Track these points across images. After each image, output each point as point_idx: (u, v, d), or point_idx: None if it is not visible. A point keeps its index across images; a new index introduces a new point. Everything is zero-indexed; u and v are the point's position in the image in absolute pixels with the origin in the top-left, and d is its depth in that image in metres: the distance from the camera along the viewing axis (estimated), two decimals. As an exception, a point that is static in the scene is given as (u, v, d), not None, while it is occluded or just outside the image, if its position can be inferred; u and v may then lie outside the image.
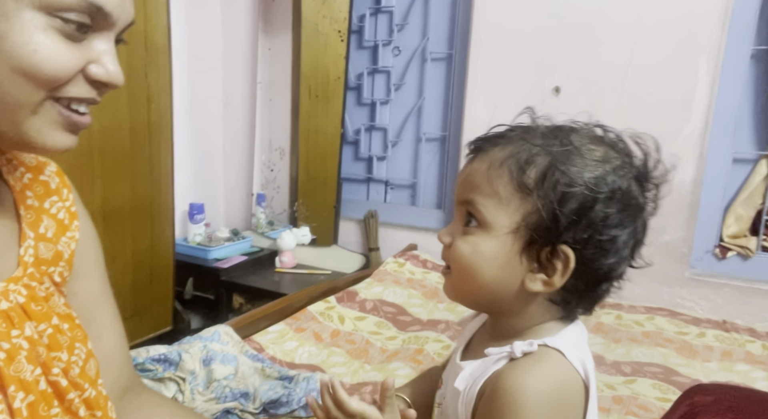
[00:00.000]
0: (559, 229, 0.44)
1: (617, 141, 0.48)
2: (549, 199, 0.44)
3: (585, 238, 0.44)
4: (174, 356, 0.91)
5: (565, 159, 0.45)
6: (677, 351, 1.24)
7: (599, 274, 0.46)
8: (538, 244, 0.46)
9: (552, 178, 0.44)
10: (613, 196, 0.45)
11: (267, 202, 2.26)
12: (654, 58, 1.60)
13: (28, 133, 0.42)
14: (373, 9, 2.03)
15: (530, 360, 0.46)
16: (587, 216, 0.44)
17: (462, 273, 0.49)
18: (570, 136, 0.47)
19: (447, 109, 1.97)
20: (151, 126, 1.69)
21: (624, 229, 0.45)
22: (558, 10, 1.69)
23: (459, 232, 0.50)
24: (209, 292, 1.97)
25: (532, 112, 0.51)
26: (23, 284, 0.48)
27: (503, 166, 0.46)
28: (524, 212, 0.46)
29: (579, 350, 0.47)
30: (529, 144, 0.46)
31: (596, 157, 0.46)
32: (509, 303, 0.49)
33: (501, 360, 0.47)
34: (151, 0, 1.62)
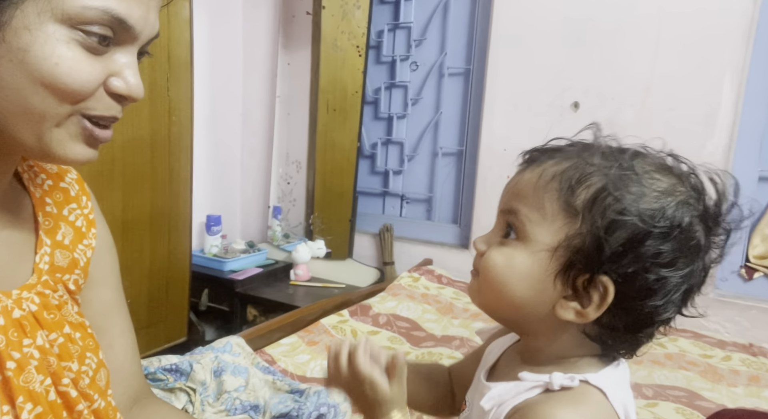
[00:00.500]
0: (601, 258, 0.41)
1: (689, 174, 0.44)
2: (596, 224, 0.41)
3: (629, 273, 0.40)
4: (185, 366, 0.91)
5: (622, 184, 0.41)
6: (701, 375, 1.19)
7: (641, 315, 0.42)
8: (576, 270, 0.42)
9: (602, 203, 0.41)
10: (670, 233, 0.40)
11: (283, 214, 2.27)
12: (676, 74, 1.57)
13: (50, 144, 0.42)
14: (392, 25, 2.05)
15: (569, 396, 0.42)
16: (636, 249, 0.40)
17: (490, 284, 0.46)
18: (633, 160, 0.43)
19: (464, 124, 1.97)
20: (171, 138, 1.72)
21: (676, 271, 0.41)
22: (577, 25, 1.68)
23: (496, 242, 0.47)
24: (224, 304, 1.98)
25: (597, 128, 0.47)
26: (36, 292, 0.48)
27: (554, 181, 0.43)
28: (567, 233, 0.42)
29: (621, 392, 0.44)
30: (585, 162, 0.43)
31: (658, 188, 0.41)
32: (537, 325, 0.45)
33: (536, 388, 0.44)
34: (175, 16, 1.66)
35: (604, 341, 0.44)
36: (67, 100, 0.41)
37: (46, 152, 0.43)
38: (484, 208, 1.89)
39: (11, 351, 0.43)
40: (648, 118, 1.61)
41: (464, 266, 1.94)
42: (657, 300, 0.41)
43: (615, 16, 1.63)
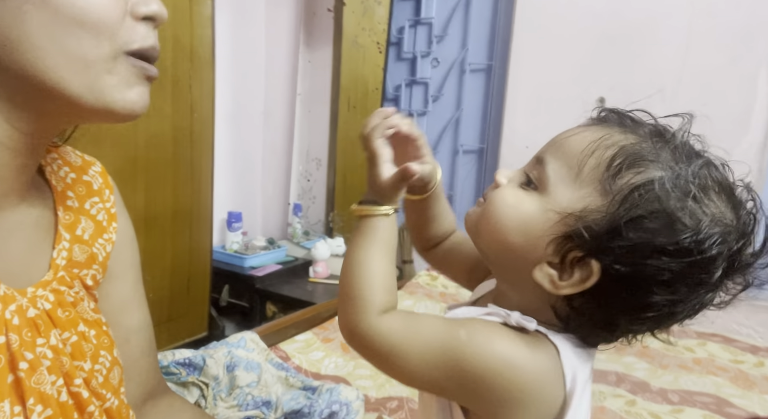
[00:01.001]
0: (605, 245, 0.38)
1: (748, 210, 0.40)
2: (620, 212, 0.38)
3: (622, 272, 0.38)
4: (198, 360, 0.91)
5: (672, 187, 0.37)
6: (732, 381, 1.14)
7: (611, 315, 0.40)
8: (574, 243, 0.40)
9: (642, 196, 0.37)
10: (687, 257, 0.37)
11: (303, 211, 2.28)
12: (708, 68, 1.51)
13: (105, 92, 0.42)
14: (413, 21, 2.03)
15: (520, 335, 0.41)
16: (643, 254, 0.37)
17: (490, 217, 0.44)
18: (703, 170, 0.39)
19: (485, 121, 1.94)
20: (193, 135, 1.74)
21: (668, 294, 0.38)
22: (603, 18, 1.63)
23: (515, 183, 0.45)
24: (244, 300, 1.99)
25: (688, 119, 0.43)
26: (51, 289, 0.47)
27: (609, 149, 0.40)
28: (588, 205, 0.39)
29: (578, 363, 0.42)
30: (652, 148, 0.39)
31: (706, 209, 0.38)
32: (513, 274, 0.44)
33: (495, 317, 0.42)
34: (197, 14, 1.68)
35: (568, 321, 0.42)
36: (102, 35, 0.41)
37: (102, 103, 0.42)
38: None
39: (24, 352, 0.42)
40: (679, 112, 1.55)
41: (484, 265, 1.90)
42: (633, 311, 0.39)
43: (643, 7, 1.58)
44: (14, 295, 0.44)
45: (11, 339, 0.42)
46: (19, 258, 0.47)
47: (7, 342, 0.42)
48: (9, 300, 0.43)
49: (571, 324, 0.42)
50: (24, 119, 0.42)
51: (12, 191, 0.46)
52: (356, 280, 0.44)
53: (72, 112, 0.43)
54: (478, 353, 0.40)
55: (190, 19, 1.67)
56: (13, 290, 0.44)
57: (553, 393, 0.40)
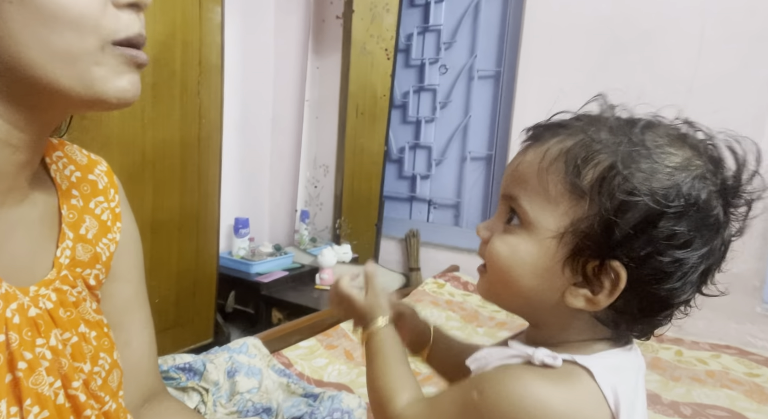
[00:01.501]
0: (611, 242, 0.38)
1: (706, 144, 0.41)
2: (604, 206, 0.38)
3: (642, 256, 0.37)
4: (199, 366, 0.90)
5: (631, 161, 0.38)
6: (746, 395, 1.10)
7: (657, 298, 0.39)
8: (585, 256, 0.39)
9: (611, 183, 0.38)
10: (686, 212, 0.37)
11: (310, 218, 2.27)
12: (720, 74, 1.49)
13: (95, 83, 0.42)
14: (421, 28, 2.03)
15: (545, 372, 0.40)
16: (648, 231, 0.37)
17: (497, 275, 0.43)
18: (644, 133, 0.39)
19: (493, 128, 1.92)
20: (201, 141, 1.74)
21: (693, 251, 0.37)
22: (613, 24, 1.62)
23: (500, 229, 0.44)
24: (250, 306, 1.99)
25: (603, 99, 0.44)
26: (54, 288, 0.47)
27: (558, 160, 0.40)
28: (574, 217, 0.39)
29: (617, 377, 0.40)
30: (591, 138, 0.40)
31: (671, 163, 0.38)
32: (547, 314, 0.43)
33: (518, 358, 0.42)
34: (207, 20, 1.69)
35: (618, 325, 0.41)
36: (85, 28, 0.40)
37: (92, 93, 0.42)
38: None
39: (24, 352, 0.42)
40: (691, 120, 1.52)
41: (492, 273, 1.88)
42: (673, 283, 0.38)
43: (654, 14, 1.56)
44: (16, 293, 0.43)
45: (11, 338, 0.41)
46: (22, 256, 0.46)
47: (7, 341, 0.41)
48: (10, 298, 0.42)
49: (622, 325, 0.42)
50: (19, 115, 0.42)
51: (15, 187, 0.46)
52: (379, 388, 0.50)
53: (65, 104, 0.43)
54: (494, 406, 0.39)
55: (199, 26, 1.68)
56: (15, 288, 0.43)
57: (596, 416, 0.39)
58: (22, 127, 0.43)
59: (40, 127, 0.45)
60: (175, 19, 1.62)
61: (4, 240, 0.45)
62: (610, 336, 0.42)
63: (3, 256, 0.44)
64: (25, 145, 0.44)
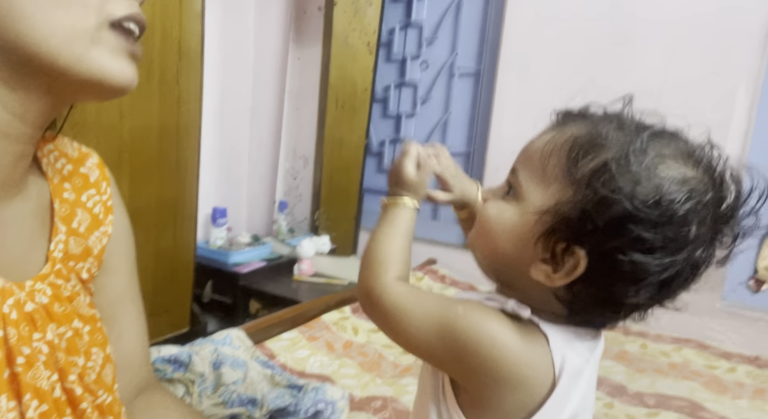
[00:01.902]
0: (582, 230, 0.41)
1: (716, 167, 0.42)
2: (587, 197, 0.41)
3: (604, 250, 0.40)
4: (184, 357, 0.91)
5: (625, 162, 0.40)
6: (705, 386, 1.18)
7: (610, 293, 0.42)
8: (556, 236, 0.43)
9: (600, 177, 0.40)
10: (658, 222, 0.39)
11: (289, 209, 2.27)
12: (689, 81, 1.55)
13: (93, 63, 0.42)
14: (403, 23, 2.04)
15: (515, 323, 0.44)
16: (617, 230, 0.39)
17: (480, 232, 0.49)
18: (651, 140, 0.41)
19: (473, 125, 1.96)
20: (179, 129, 1.72)
21: (654, 259, 0.39)
22: (589, 29, 1.67)
23: (498, 196, 0.49)
24: (227, 296, 1.98)
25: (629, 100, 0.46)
26: (49, 282, 0.47)
27: (563, 146, 0.43)
28: (559, 200, 0.42)
29: (570, 349, 0.44)
30: (599, 133, 0.42)
31: (665, 174, 0.40)
32: (513, 278, 0.47)
33: (492, 301, 0.46)
34: (187, 7, 1.66)
35: (571, 306, 0.45)
36: (90, 5, 0.41)
37: (90, 73, 0.42)
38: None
39: (21, 347, 0.42)
40: (660, 124, 1.59)
41: (468, 267, 1.92)
42: (627, 284, 0.41)
43: (628, 21, 1.61)
44: (12, 289, 0.43)
45: (9, 333, 0.42)
46: (16, 251, 0.46)
47: (5, 337, 0.41)
48: (7, 293, 0.43)
49: (576, 308, 0.45)
50: (18, 102, 0.42)
51: (10, 181, 0.46)
52: (377, 252, 0.51)
53: (64, 86, 0.43)
54: (471, 327, 0.43)
55: (179, 13, 1.65)
56: (12, 283, 0.44)
57: (539, 377, 0.43)
58: (21, 115, 0.43)
59: (38, 117, 0.45)
60: (155, 6, 1.58)
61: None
62: (566, 314, 0.46)
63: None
64: (22, 136, 0.44)
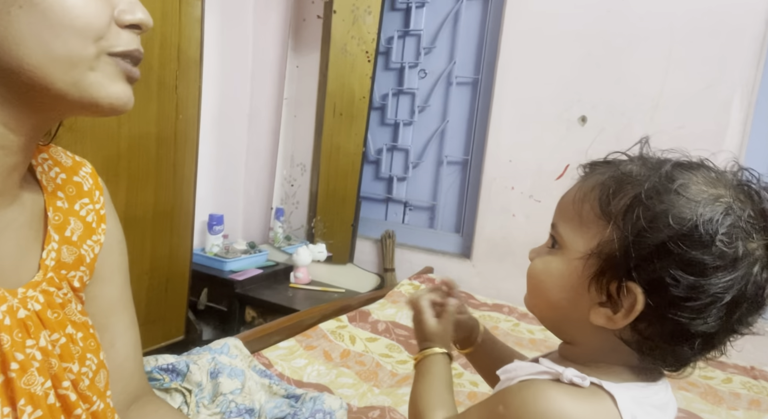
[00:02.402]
0: (629, 264, 0.41)
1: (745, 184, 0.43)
2: (626, 231, 0.41)
3: (656, 279, 0.40)
4: (182, 366, 0.90)
5: (655, 192, 0.41)
6: (701, 396, 1.18)
7: (676, 325, 0.41)
8: (607, 276, 0.43)
9: (635, 211, 0.41)
10: (702, 241, 0.39)
11: (285, 216, 2.27)
12: (685, 92, 1.57)
13: (89, 88, 0.43)
14: (402, 32, 2.05)
15: (573, 390, 0.42)
16: (662, 256, 0.40)
17: (531, 288, 0.50)
18: (675, 170, 0.42)
19: (470, 134, 1.97)
20: (177, 136, 1.72)
21: (709, 279, 0.39)
22: (588, 39, 1.68)
23: (543, 252, 0.50)
24: (222, 304, 1.97)
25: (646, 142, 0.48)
26: (41, 290, 0.47)
27: (593, 191, 0.45)
28: (600, 240, 0.43)
29: (640, 409, 0.43)
30: (623, 172, 0.44)
31: (697, 197, 0.40)
32: (574, 329, 0.47)
33: (547, 374, 0.45)
34: (186, 14, 1.67)
35: (641, 348, 0.44)
36: (88, 39, 0.42)
37: (87, 97, 0.43)
38: (488, 218, 1.88)
39: (15, 353, 0.42)
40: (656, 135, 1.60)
41: (465, 275, 1.93)
42: (692, 311, 0.40)
43: (626, 31, 1.63)
44: (5, 295, 0.44)
45: (2, 339, 0.42)
46: (9, 259, 0.47)
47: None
48: (0, 300, 0.43)
49: (645, 349, 0.44)
50: (14, 116, 0.43)
51: (4, 190, 0.46)
52: (420, 402, 0.55)
53: (58, 107, 0.45)
54: (527, 414, 0.42)
55: (179, 20, 1.66)
56: (4, 290, 0.44)
57: None
58: (16, 129, 0.44)
59: (33, 130, 0.46)
60: (155, 12, 1.58)
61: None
62: (638, 364, 0.45)
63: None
64: (17, 147, 0.45)
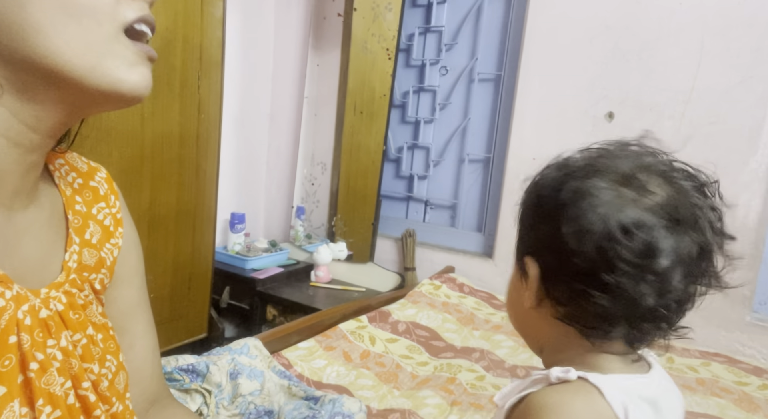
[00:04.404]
0: (523, 239, 0.48)
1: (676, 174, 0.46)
2: (520, 213, 0.48)
3: (539, 247, 0.46)
4: (202, 367, 0.91)
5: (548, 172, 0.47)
6: (736, 403, 1.13)
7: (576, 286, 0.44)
8: (517, 258, 0.49)
9: (528, 191, 0.48)
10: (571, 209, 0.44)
11: (306, 215, 2.27)
12: (719, 86, 1.51)
13: (108, 72, 0.42)
14: (423, 28, 2.03)
15: (563, 386, 0.45)
16: (536, 222, 0.46)
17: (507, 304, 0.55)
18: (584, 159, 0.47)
19: (492, 131, 1.93)
20: (199, 135, 1.73)
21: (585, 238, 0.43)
22: (615, 33, 1.63)
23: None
24: (244, 302, 1.99)
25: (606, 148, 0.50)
26: (64, 291, 0.48)
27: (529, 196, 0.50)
28: (521, 237, 0.50)
29: (628, 398, 0.43)
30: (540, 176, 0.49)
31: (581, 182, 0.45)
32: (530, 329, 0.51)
33: (539, 383, 0.46)
34: (208, 15, 1.68)
35: (571, 320, 0.46)
36: (101, 14, 0.42)
37: (105, 83, 0.43)
38: (510, 217, 1.85)
39: (35, 352, 0.43)
40: (687, 131, 1.55)
41: (487, 275, 1.90)
42: (578, 261, 0.43)
43: (656, 24, 1.57)
44: (27, 295, 0.44)
45: (23, 339, 0.42)
46: (32, 259, 0.47)
47: (19, 342, 0.42)
48: (22, 300, 0.43)
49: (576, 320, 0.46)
50: (32, 114, 0.43)
51: (21, 190, 0.46)
52: None
53: (78, 98, 0.44)
54: None
55: (201, 20, 1.67)
56: (27, 290, 0.44)
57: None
58: (34, 126, 0.44)
59: (51, 128, 0.46)
60: (177, 13, 1.60)
61: (15, 243, 0.46)
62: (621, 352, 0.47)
63: (14, 259, 0.45)
64: (35, 146, 0.45)
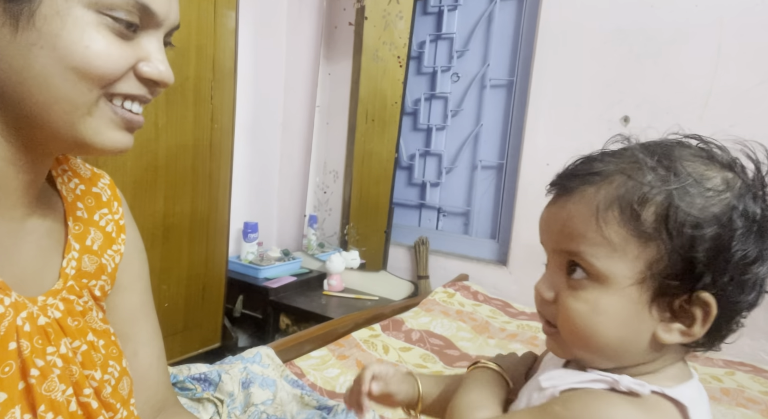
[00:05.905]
0: (695, 276, 0.39)
1: (726, 156, 0.42)
2: (676, 244, 0.38)
3: (726, 281, 0.39)
4: (214, 376, 0.90)
5: (685, 194, 0.38)
6: (763, 414, 1.09)
7: (737, 312, 0.41)
8: (671, 293, 0.40)
9: (675, 220, 0.38)
10: (749, 228, 0.39)
11: (319, 223, 2.27)
12: (737, 88, 1.48)
13: (85, 133, 0.43)
14: (434, 36, 2.03)
15: (638, 401, 0.39)
16: (725, 256, 0.38)
17: (577, 335, 0.42)
18: (682, 163, 0.40)
19: (505, 137, 1.92)
20: (212, 145, 1.75)
21: (764, 263, 0.39)
22: (629, 35, 1.61)
23: (564, 285, 0.43)
24: (257, 311, 1.98)
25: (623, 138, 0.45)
26: (61, 298, 0.47)
27: (610, 208, 0.40)
28: (647, 260, 0.39)
29: (702, 410, 0.41)
30: (636, 181, 0.40)
31: (716, 186, 0.39)
32: (638, 356, 0.42)
33: (599, 382, 0.41)
34: (221, 26, 1.70)
35: (700, 343, 0.42)
36: (98, 85, 0.42)
37: (82, 142, 0.43)
38: (524, 224, 1.82)
39: (35, 359, 0.42)
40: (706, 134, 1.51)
41: (501, 283, 1.87)
42: (750, 296, 0.40)
43: (671, 26, 1.55)
44: (25, 303, 0.44)
45: (22, 345, 0.42)
46: (29, 267, 0.47)
47: (19, 349, 0.42)
48: (20, 307, 0.43)
49: (703, 343, 0.43)
50: (22, 140, 0.44)
51: (21, 203, 0.47)
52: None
53: (52, 145, 0.45)
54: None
55: (214, 31, 1.69)
56: (24, 298, 0.44)
57: None
58: (26, 150, 0.44)
59: (43, 154, 0.46)
60: (190, 24, 1.62)
61: (13, 252, 0.46)
62: (679, 358, 0.43)
63: (12, 267, 0.45)
64: (30, 165, 0.45)
